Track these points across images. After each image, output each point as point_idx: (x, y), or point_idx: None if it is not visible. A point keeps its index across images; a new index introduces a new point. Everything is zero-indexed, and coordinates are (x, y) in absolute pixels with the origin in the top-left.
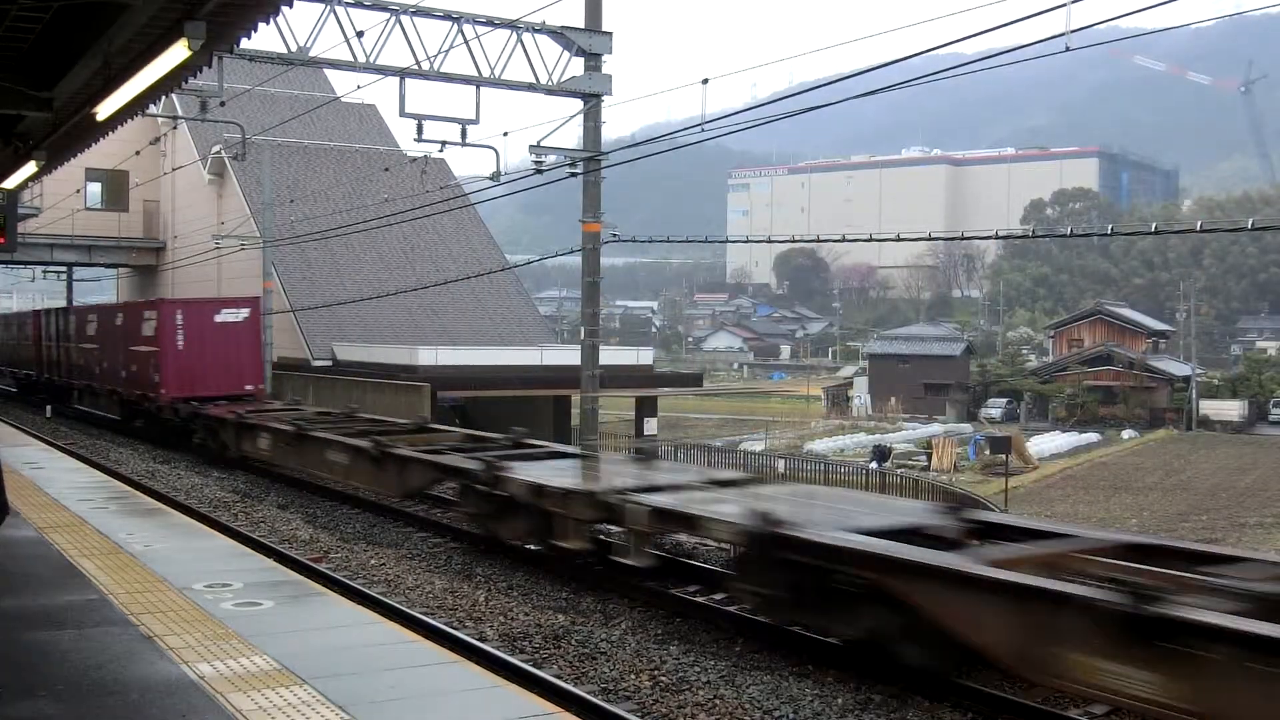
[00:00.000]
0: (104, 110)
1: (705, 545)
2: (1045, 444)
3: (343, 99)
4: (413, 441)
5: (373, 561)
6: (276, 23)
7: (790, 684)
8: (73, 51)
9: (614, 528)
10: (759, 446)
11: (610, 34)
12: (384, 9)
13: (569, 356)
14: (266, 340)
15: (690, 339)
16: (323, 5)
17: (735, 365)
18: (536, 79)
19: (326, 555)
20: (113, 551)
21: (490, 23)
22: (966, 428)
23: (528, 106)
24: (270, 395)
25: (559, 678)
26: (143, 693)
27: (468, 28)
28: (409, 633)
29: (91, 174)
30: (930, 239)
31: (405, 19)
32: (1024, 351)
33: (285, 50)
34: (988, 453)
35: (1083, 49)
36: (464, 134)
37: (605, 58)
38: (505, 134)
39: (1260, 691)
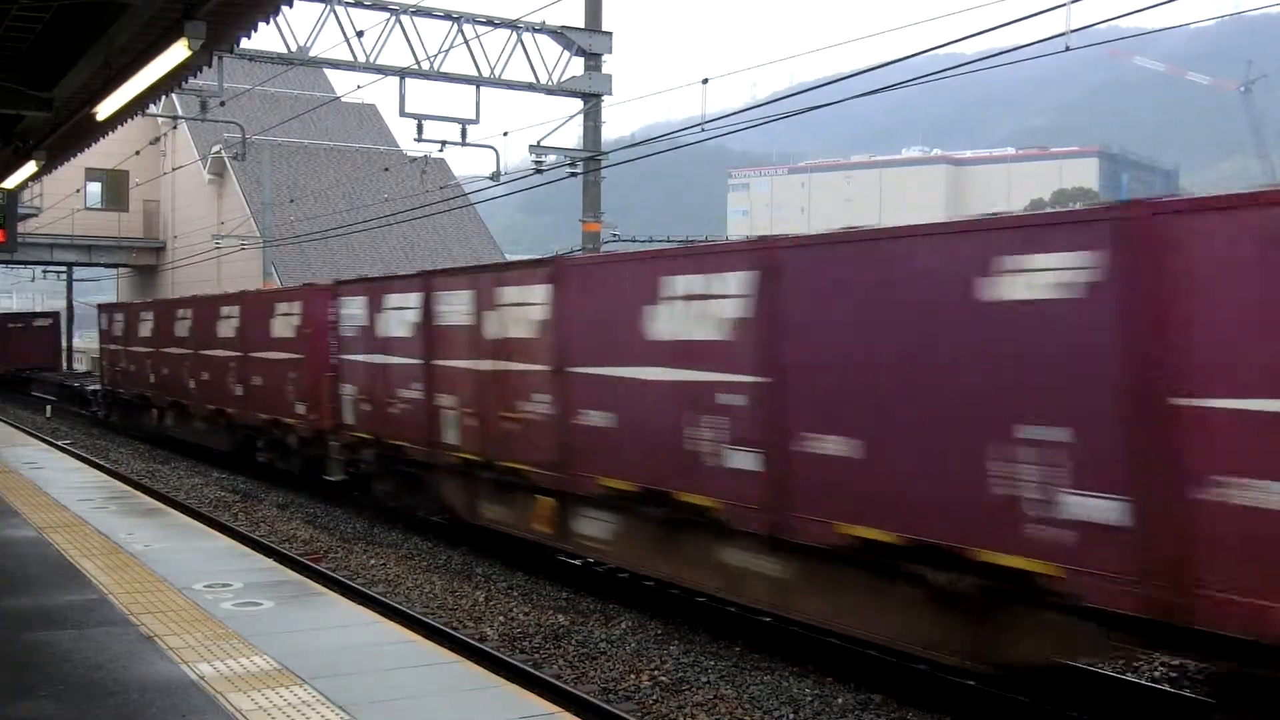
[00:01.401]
0: (104, 110)
1: None
2: None
3: (343, 99)
4: None
5: (373, 561)
6: (276, 23)
7: (790, 684)
8: (73, 51)
9: None
10: None
11: (610, 34)
12: (384, 9)
13: None
14: None
15: None
16: (323, 5)
17: None
18: (536, 79)
19: (326, 555)
20: (113, 551)
21: (490, 23)
22: None
23: (528, 106)
24: None
25: (559, 678)
26: (143, 693)
27: (468, 28)
28: (409, 632)
29: (91, 174)
30: None
31: (405, 19)
32: None
33: (285, 50)
34: None
35: (1083, 49)
36: (464, 134)
37: (605, 58)
38: (505, 134)
39: None
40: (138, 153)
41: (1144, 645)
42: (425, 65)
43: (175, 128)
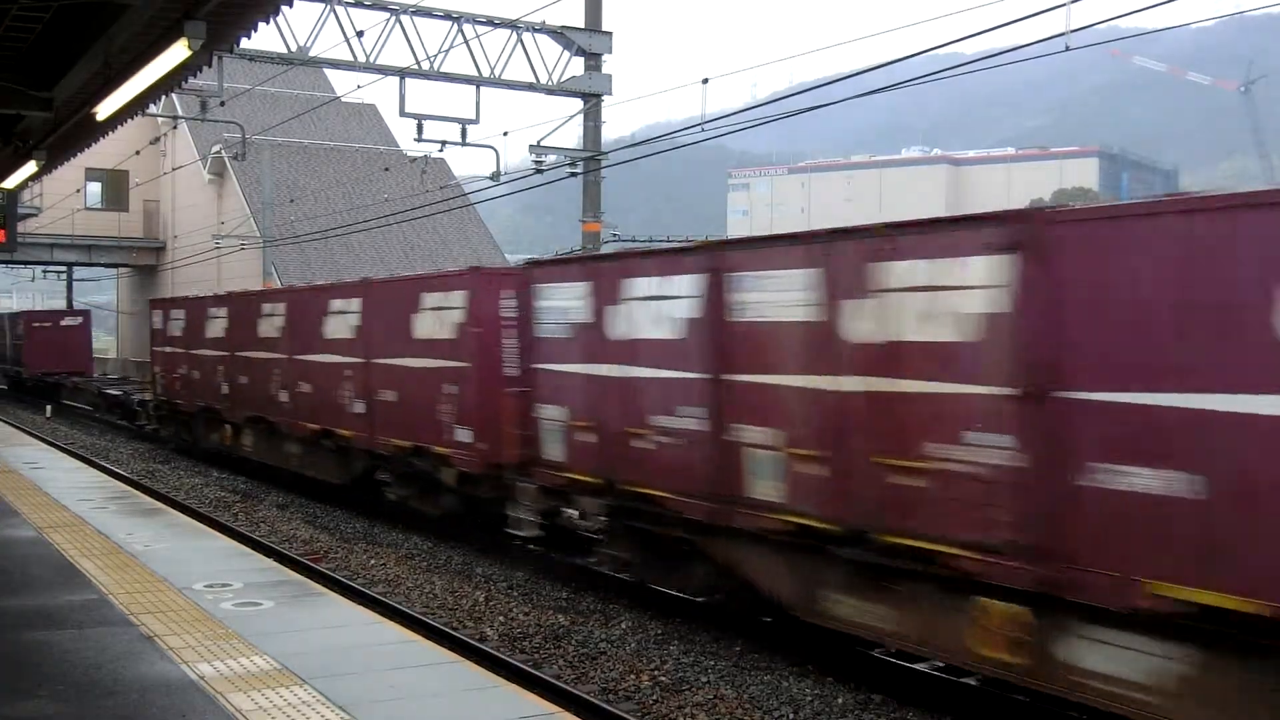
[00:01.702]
0: (104, 110)
1: None
2: None
3: (343, 99)
4: None
5: (373, 561)
6: (276, 23)
7: (790, 684)
8: (73, 51)
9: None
10: None
11: (610, 34)
12: (384, 9)
13: None
14: None
15: None
16: (323, 5)
17: None
18: (536, 79)
19: (326, 555)
20: (113, 551)
21: (490, 23)
22: None
23: (528, 106)
24: None
25: (559, 678)
26: (143, 693)
27: (468, 27)
28: (409, 632)
29: (91, 174)
30: None
31: (405, 19)
32: None
33: (285, 50)
34: None
35: (1083, 49)
36: (464, 134)
37: (605, 58)
38: (505, 134)
39: None
40: (138, 153)
41: None
42: (425, 65)
43: (175, 128)
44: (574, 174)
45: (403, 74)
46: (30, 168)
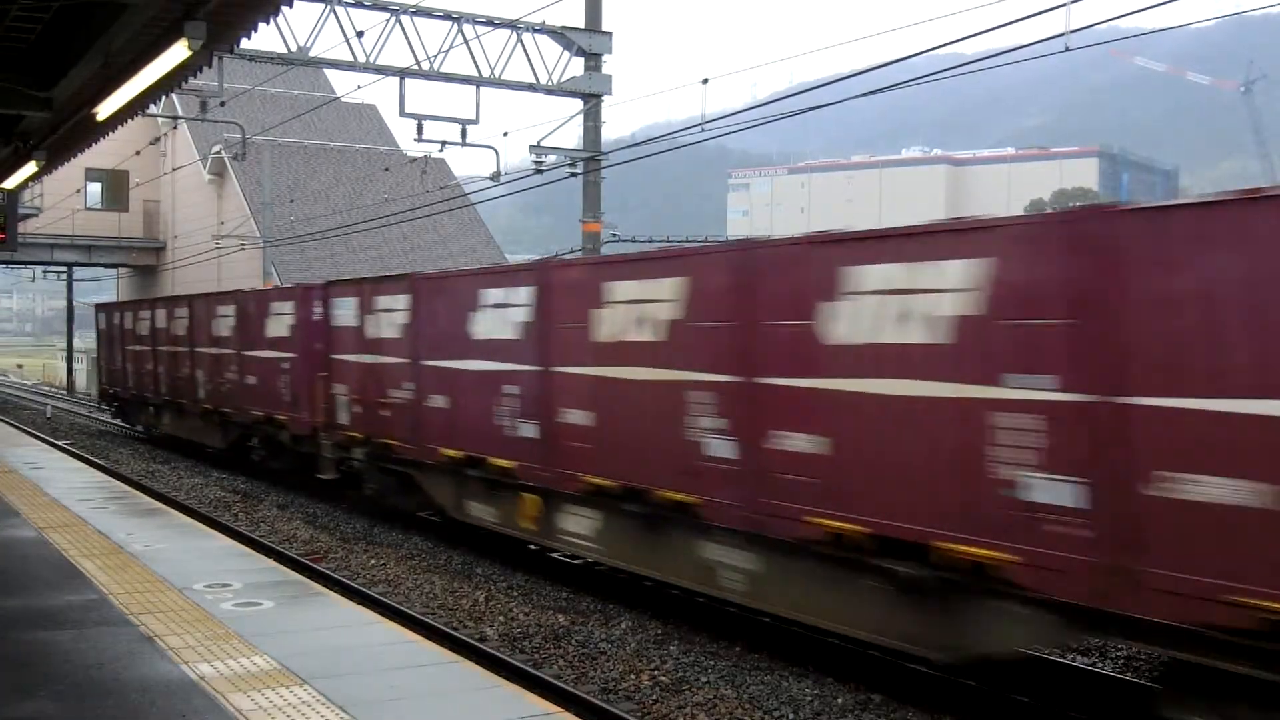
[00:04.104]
0: (104, 110)
1: None
2: None
3: (343, 99)
4: None
5: (372, 562)
6: (276, 23)
7: (790, 684)
8: (73, 51)
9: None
10: None
11: (610, 34)
12: (384, 9)
13: None
14: None
15: None
16: (323, 5)
17: None
18: (536, 79)
19: (326, 555)
20: (113, 551)
21: (490, 23)
22: None
23: (528, 106)
24: None
25: (559, 678)
26: (143, 693)
27: (468, 28)
28: (409, 633)
29: (91, 174)
30: None
31: (405, 19)
32: None
33: (285, 50)
34: None
35: (1082, 49)
36: (464, 134)
37: (605, 58)
38: (505, 134)
39: None
40: (138, 153)
41: None
42: (425, 65)
43: (175, 128)
44: (574, 174)
45: (403, 74)
46: (30, 168)
